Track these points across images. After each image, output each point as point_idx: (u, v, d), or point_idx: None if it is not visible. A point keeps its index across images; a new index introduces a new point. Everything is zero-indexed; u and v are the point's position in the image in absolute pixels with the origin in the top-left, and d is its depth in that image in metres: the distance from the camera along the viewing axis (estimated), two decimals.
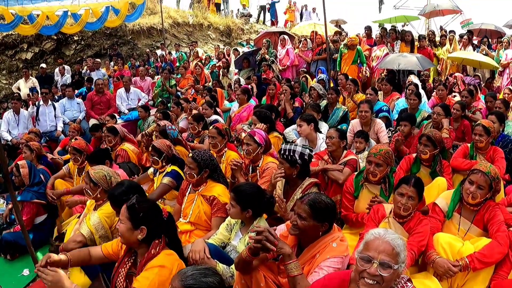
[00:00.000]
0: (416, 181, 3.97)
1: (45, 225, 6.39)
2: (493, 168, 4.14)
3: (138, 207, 3.28)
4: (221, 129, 6.00)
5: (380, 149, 4.73)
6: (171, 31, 21.98)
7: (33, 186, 6.29)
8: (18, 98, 12.07)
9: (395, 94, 9.48)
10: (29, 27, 12.80)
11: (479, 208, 4.11)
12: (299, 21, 24.78)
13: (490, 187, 4.04)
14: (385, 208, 4.20)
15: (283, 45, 13.17)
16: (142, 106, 10.44)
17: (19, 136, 10.14)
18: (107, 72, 16.11)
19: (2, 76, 18.70)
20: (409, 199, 3.89)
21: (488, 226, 4.00)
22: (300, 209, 3.34)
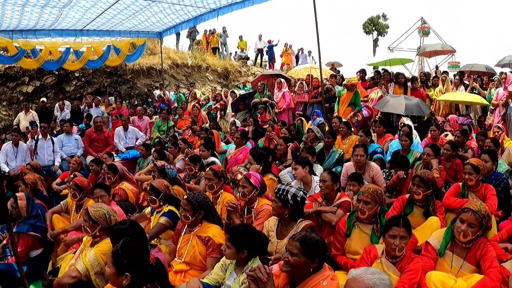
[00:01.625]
0: (404, 221, 4.09)
1: (40, 258, 6.37)
2: (483, 206, 4.26)
3: (122, 253, 3.30)
4: (218, 171, 6.10)
5: (368, 188, 4.90)
6: (170, 72, 22.30)
7: (30, 218, 6.32)
8: (17, 130, 12.09)
9: (389, 136, 9.58)
10: (32, 61, 13.06)
11: (471, 246, 4.19)
12: (295, 64, 25.14)
13: (481, 225, 4.15)
14: (377, 248, 4.29)
15: (280, 88, 13.34)
16: (144, 145, 10.59)
17: (16, 168, 10.16)
18: (106, 110, 16.21)
19: (2, 107, 18.81)
20: (401, 239, 3.98)
21: (481, 263, 4.08)
22: (291, 245, 3.45)
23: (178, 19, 13.41)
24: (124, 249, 3.32)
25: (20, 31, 12.19)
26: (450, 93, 12.50)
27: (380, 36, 58.69)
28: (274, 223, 4.96)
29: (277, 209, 4.78)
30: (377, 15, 58.87)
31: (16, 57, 12.51)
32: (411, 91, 12.34)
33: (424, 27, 33.44)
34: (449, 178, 7.21)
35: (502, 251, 4.57)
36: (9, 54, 12.72)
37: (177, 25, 14.24)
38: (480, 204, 4.28)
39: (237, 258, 4.09)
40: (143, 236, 4.37)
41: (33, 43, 12.75)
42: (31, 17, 10.91)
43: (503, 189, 6.47)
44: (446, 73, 15.24)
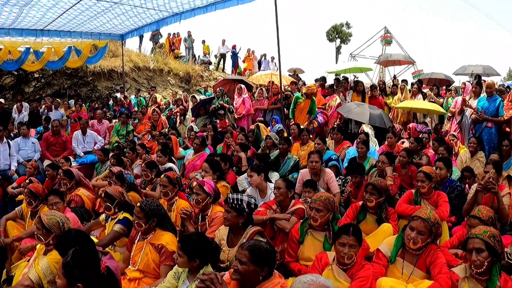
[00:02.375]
0: (354, 229, 4.15)
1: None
2: (433, 214, 4.34)
3: (73, 264, 3.27)
4: (173, 178, 6.09)
5: (320, 196, 4.97)
6: (132, 75, 22.13)
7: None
8: None
9: (346, 143, 9.71)
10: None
11: (421, 252, 4.26)
12: (257, 70, 25.25)
13: (431, 232, 4.23)
14: (328, 256, 4.34)
15: (240, 94, 13.35)
16: (102, 150, 10.51)
17: None
18: (65, 113, 15.94)
19: None
20: (350, 247, 4.04)
21: (430, 269, 4.14)
22: (240, 254, 3.49)
23: (141, 22, 13.35)
24: (74, 260, 3.30)
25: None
26: (408, 101, 12.75)
27: (343, 44, 59.21)
28: (225, 231, 4.97)
29: (231, 218, 4.75)
30: (340, 23, 59.35)
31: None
32: (369, 98, 12.57)
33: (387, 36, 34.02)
34: (404, 185, 7.38)
35: (453, 257, 4.68)
36: None
37: (139, 28, 14.16)
38: (430, 212, 4.36)
39: (189, 267, 4.07)
40: (90, 245, 4.34)
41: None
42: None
43: (456, 196, 6.63)
44: (405, 81, 15.56)
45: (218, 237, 4.98)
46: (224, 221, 4.84)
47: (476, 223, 4.69)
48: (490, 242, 3.81)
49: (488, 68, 17.31)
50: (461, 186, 7.00)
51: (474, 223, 4.74)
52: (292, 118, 11.97)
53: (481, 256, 3.80)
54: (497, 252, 3.83)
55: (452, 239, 5.32)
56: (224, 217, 4.81)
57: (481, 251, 3.81)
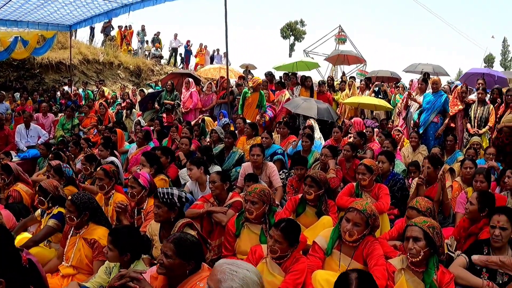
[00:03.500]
0: (285, 226, 4.04)
1: None
2: (369, 205, 4.30)
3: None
4: (109, 171, 5.94)
5: (255, 188, 4.92)
6: (80, 68, 21.69)
7: None
8: None
9: (292, 137, 9.73)
10: None
11: (358, 244, 4.23)
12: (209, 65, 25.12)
13: (367, 224, 4.20)
14: (263, 248, 4.28)
15: (187, 88, 13.27)
16: (44, 144, 10.23)
17: None
18: (10, 106, 15.49)
19: None
20: (275, 242, 3.98)
21: (368, 260, 4.12)
22: (165, 247, 3.41)
23: (90, 12, 13.14)
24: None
25: None
26: (355, 96, 12.90)
27: (296, 41, 59.55)
28: (157, 227, 4.87)
29: (162, 214, 4.63)
30: (295, 20, 59.77)
31: None
32: (317, 94, 12.67)
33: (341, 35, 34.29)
34: (349, 178, 7.46)
35: (391, 248, 4.65)
36: None
37: (88, 18, 13.92)
38: (366, 203, 4.33)
39: (120, 261, 3.97)
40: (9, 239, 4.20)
41: None
42: None
43: (399, 189, 6.68)
44: (353, 78, 15.75)
45: (150, 232, 4.89)
46: (155, 217, 4.70)
47: (414, 214, 4.67)
48: (429, 232, 3.80)
49: (438, 67, 17.55)
50: (403, 179, 7.09)
51: (412, 214, 4.72)
52: (241, 114, 11.92)
53: (418, 245, 3.78)
54: (435, 244, 3.82)
55: (391, 230, 5.32)
56: (154, 213, 4.67)
57: (418, 240, 3.79)
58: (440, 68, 17.70)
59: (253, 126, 9.63)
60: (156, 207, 4.66)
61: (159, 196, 4.64)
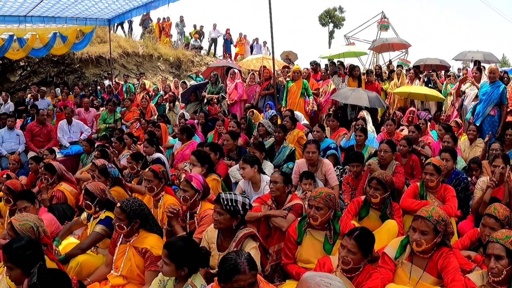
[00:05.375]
0: (359, 234, 3.70)
1: None
2: (436, 211, 3.93)
3: (40, 286, 2.89)
4: (158, 171, 5.65)
5: (320, 192, 4.51)
6: (120, 61, 21.62)
7: None
8: None
9: (342, 130, 9.37)
10: None
11: (431, 255, 3.90)
12: (249, 54, 24.78)
13: (436, 231, 3.84)
14: (332, 261, 3.94)
15: (232, 79, 12.96)
16: (87, 140, 10.04)
17: None
18: (52, 101, 15.53)
19: None
20: (349, 252, 3.64)
21: (443, 275, 3.79)
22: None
23: (128, 5, 12.89)
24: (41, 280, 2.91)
25: None
26: (405, 86, 12.38)
27: (336, 28, 58.72)
28: (214, 234, 4.50)
29: (224, 221, 4.26)
30: (333, 7, 58.86)
31: None
32: (365, 84, 12.17)
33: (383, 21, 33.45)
34: (406, 176, 6.95)
35: (465, 260, 4.31)
36: None
37: (126, 12, 13.70)
38: (433, 209, 3.96)
39: (176, 275, 3.67)
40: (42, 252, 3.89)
41: None
42: None
43: (463, 189, 6.24)
44: (400, 67, 15.18)
45: (207, 240, 4.53)
46: (215, 224, 4.34)
47: (492, 222, 4.32)
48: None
49: (489, 54, 16.91)
50: (467, 178, 6.58)
51: (490, 222, 4.35)
52: (285, 106, 11.58)
53: (500, 263, 3.47)
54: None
55: (463, 239, 4.90)
56: (215, 219, 4.30)
57: (501, 258, 3.48)
58: (491, 55, 17.08)
59: (293, 119, 9.24)
60: (217, 214, 4.28)
61: (222, 203, 4.25)
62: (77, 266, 4.62)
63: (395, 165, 6.66)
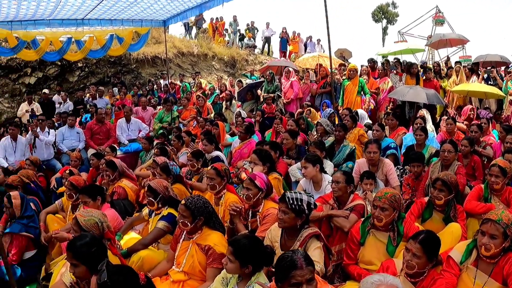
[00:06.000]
0: (425, 238, 3.59)
1: (34, 261, 6.11)
2: (505, 214, 3.79)
3: (111, 284, 2.92)
4: (220, 169, 5.66)
5: (385, 192, 4.42)
6: (175, 61, 21.96)
7: (23, 218, 6.08)
8: (15, 124, 11.77)
9: (401, 129, 9.16)
10: (32, 53, 12.71)
11: (497, 260, 3.75)
12: (303, 52, 24.66)
13: (505, 236, 3.68)
14: (396, 265, 3.84)
15: (288, 77, 12.91)
16: (146, 138, 10.27)
17: (15, 163, 9.85)
18: (110, 101, 15.93)
19: (5, 99, 18.61)
20: (413, 256, 3.55)
21: (509, 281, 3.64)
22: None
23: (182, 6, 12.97)
24: (112, 279, 2.93)
25: (19, 22, 11.83)
26: (465, 84, 12.04)
27: (389, 24, 57.96)
28: (278, 232, 4.47)
29: (288, 220, 4.21)
30: (386, 3, 58.14)
31: (16, 48, 12.11)
32: (424, 81, 11.93)
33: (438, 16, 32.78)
34: (466, 176, 6.70)
35: None
36: (9, 46, 12.28)
37: (181, 12, 13.80)
38: (502, 212, 3.82)
39: (240, 273, 3.68)
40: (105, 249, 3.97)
41: (33, 34, 12.38)
42: (29, 7, 10.52)
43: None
44: (459, 63, 14.75)
45: (270, 238, 4.51)
46: (280, 222, 4.30)
47: None
48: None
49: None
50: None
51: None
52: (341, 105, 11.45)
53: None
54: None
55: None
56: (279, 218, 4.26)
57: None
58: None
59: (353, 118, 9.11)
60: (282, 212, 4.24)
61: (287, 202, 4.21)
62: (139, 260, 4.70)
63: (457, 166, 6.49)
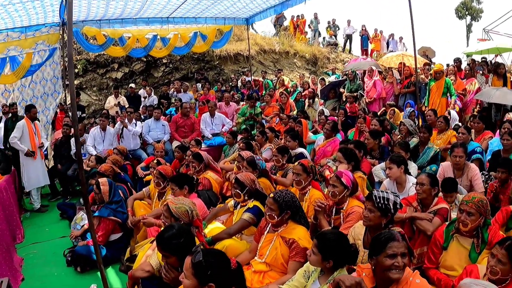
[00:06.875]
0: (511, 244, 3.52)
1: (119, 243, 6.53)
2: None
3: (205, 264, 3.05)
4: (307, 166, 5.77)
5: (473, 197, 4.35)
6: (258, 58, 22.19)
7: (112, 203, 6.51)
8: (105, 115, 12.48)
9: (488, 133, 8.83)
10: (119, 49, 13.15)
11: None
12: (385, 50, 24.33)
13: None
14: (480, 270, 3.78)
15: (370, 77, 12.82)
16: (231, 133, 10.50)
17: (103, 152, 10.43)
18: (194, 96, 16.34)
19: (93, 92, 19.32)
20: (498, 262, 3.49)
21: None
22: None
23: (265, 4, 13.10)
24: (207, 259, 3.08)
25: (107, 20, 12.37)
26: None
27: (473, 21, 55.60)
28: (361, 230, 4.52)
29: (374, 218, 4.26)
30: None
31: (104, 45, 12.62)
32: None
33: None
34: None
35: None
36: (97, 43, 12.86)
37: (263, 10, 13.94)
38: None
39: (321, 266, 3.76)
40: (193, 237, 4.15)
41: (120, 32, 12.85)
42: (117, 6, 10.96)
43: None
44: None
45: (353, 236, 4.55)
46: (365, 220, 4.35)
47: None
48: None
49: None
50: None
51: None
52: (427, 105, 11.21)
53: None
54: None
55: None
56: (365, 216, 4.33)
57: None
58: None
59: (446, 119, 8.91)
60: (368, 211, 4.30)
61: (374, 200, 4.26)
62: (223, 249, 4.81)
63: None
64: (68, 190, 10.21)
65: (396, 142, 7.91)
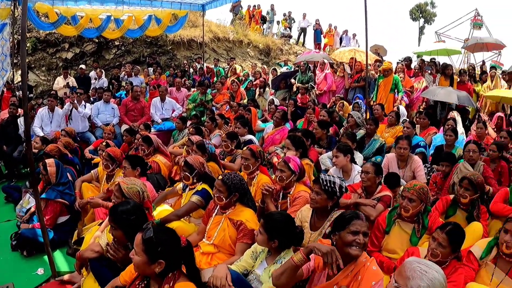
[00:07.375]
0: (452, 229, 3.76)
1: (66, 226, 6.40)
2: None
3: (156, 240, 3.05)
4: (255, 151, 5.86)
5: (414, 184, 4.59)
6: (211, 45, 22.10)
7: (59, 185, 6.35)
8: (53, 96, 12.18)
9: (432, 129, 9.22)
10: (71, 28, 12.81)
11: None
12: (338, 46, 24.66)
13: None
14: (421, 252, 3.99)
15: (322, 69, 13.00)
16: (180, 118, 10.51)
17: (51, 133, 10.22)
18: (145, 80, 16.18)
19: (41, 72, 18.83)
20: (439, 245, 3.72)
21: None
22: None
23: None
24: (158, 235, 3.08)
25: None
26: (498, 89, 11.92)
27: (426, 24, 57.19)
28: (308, 213, 4.64)
29: (320, 201, 4.39)
30: (425, 2, 57.34)
31: (56, 23, 12.23)
32: (457, 84, 11.85)
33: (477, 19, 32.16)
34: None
35: None
36: (49, 21, 12.50)
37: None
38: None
39: (268, 246, 3.88)
40: (145, 217, 4.12)
41: (73, 10, 12.50)
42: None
43: None
44: (494, 68, 14.59)
45: (300, 219, 4.67)
46: (312, 203, 4.48)
47: None
48: None
49: None
50: None
51: None
52: (375, 101, 11.48)
53: None
54: None
55: None
56: (312, 198, 4.45)
57: None
58: None
59: (397, 115, 9.26)
60: (315, 193, 4.43)
61: (321, 183, 4.39)
62: None
63: (481, 165, 6.57)
64: (13, 172, 9.88)
65: (343, 132, 8.12)
